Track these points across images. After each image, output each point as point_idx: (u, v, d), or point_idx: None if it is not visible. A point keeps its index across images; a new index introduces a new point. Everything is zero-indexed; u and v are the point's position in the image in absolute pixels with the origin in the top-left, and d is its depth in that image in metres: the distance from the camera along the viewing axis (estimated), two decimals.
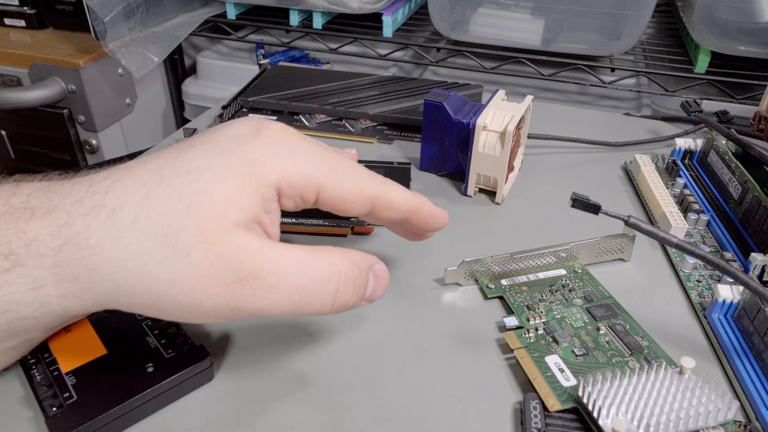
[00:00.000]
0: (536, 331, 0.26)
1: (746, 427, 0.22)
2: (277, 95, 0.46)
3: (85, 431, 0.21)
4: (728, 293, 0.27)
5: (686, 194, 0.36)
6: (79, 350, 0.23)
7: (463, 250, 0.33)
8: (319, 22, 0.80)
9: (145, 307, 0.20)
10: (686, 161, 0.41)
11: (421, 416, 0.23)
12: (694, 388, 0.22)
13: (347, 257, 0.22)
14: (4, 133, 0.86)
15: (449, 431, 0.23)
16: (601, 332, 0.26)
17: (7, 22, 0.88)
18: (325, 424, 0.23)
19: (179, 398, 0.23)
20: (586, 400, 0.22)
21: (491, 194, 0.38)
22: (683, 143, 0.41)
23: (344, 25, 0.82)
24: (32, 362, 0.23)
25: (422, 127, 0.38)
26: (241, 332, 0.27)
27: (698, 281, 0.31)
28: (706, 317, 0.28)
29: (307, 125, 0.45)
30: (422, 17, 0.87)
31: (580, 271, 0.30)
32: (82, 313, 0.21)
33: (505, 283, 0.30)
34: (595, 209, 0.25)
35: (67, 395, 0.22)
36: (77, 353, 0.23)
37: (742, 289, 0.27)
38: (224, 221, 0.20)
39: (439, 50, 0.79)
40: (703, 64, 0.68)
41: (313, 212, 0.33)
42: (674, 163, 0.38)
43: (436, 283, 0.30)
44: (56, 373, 0.23)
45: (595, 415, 0.21)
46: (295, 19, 0.81)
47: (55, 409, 0.21)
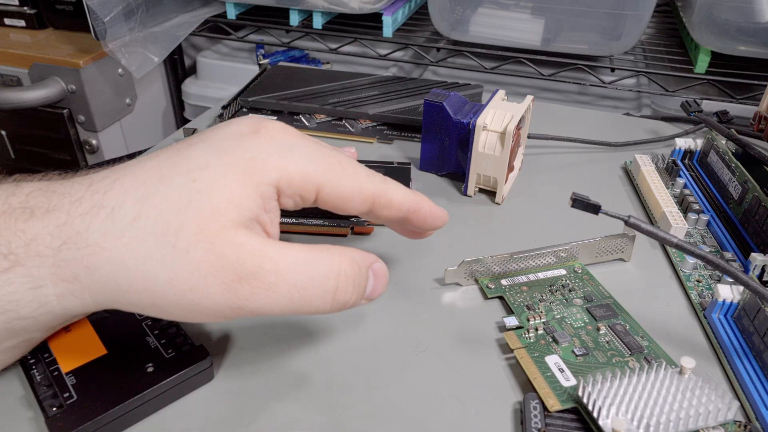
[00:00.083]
0: (536, 331, 0.26)
1: (746, 427, 0.22)
2: (277, 95, 0.46)
3: (85, 431, 0.21)
4: (728, 293, 0.27)
5: (686, 194, 0.36)
6: (79, 350, 0.23)
7: (463, 250, 0.33)
8: (319, 22, 0.80)
9: (144, 306, 0.20)
10: (686, 161, 0.41)
11: (421, 416, 0.23)
12: (694, 388, 0.22)
13: (347, 255, 0.22)
14: (4, 133, 0.86)
15: (449, 431, 0.23)
16: (601, 332, 0.26)
17: (7, 22, 0.88)
18: (324, 424, 0.23)
19: (179, 398, 0.23)
20: (586, 400, 0.22)
21: (491, 194, 0.38)
22: (683, 143, 0.41)
23: (344, 25, 0.82)
24: (32, 362, 0.23)
25: (422, 127, 0.38)
26: (241, 332, 0.27)
27: (698, 281, 0.31)
28: (706, 317, 0.28)
29: (307, 125, 0.45)
30: (422, 17, 0.87)
31: (580, 271, 0.30)
32: (81, 312, 0.21)
33: (505, 283, 0.30)
34: (595, 209, 0.25)
35: (67, 395, 0.22)
36: (77, 353, 0.23)
37: (742, 289, 0.27)
38: (224, 220, 0.20)
39: (439, 50, 0.79)
40: (703, 64, 0.68)
41: (312, 212, 0.33)
42: (674, 163, 0.38)
43: (436, 283, 0.30)
44: (56, 373, 0.23)
45: (595, 415, 0.21)
46: (295, 19, 0.81)
47: (55, 409, 0.21)
